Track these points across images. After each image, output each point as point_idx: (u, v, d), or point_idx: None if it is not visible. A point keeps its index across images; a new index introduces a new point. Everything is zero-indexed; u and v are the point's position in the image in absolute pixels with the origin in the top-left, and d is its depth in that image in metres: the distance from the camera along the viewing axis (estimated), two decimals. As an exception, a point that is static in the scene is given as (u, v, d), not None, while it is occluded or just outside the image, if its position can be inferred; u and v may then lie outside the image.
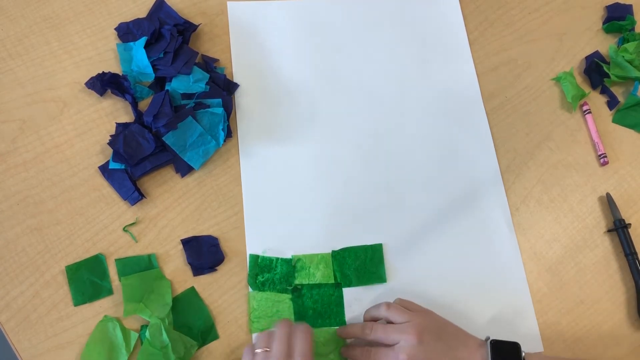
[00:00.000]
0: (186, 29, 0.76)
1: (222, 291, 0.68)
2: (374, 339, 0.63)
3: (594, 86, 0.82)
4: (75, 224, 0.69)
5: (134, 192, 0.69)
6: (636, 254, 0.72)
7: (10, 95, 0.73)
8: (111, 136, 0.71)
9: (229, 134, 0.74)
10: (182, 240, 0.69)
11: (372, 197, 0.74)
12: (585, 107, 0.80)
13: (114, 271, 0.68)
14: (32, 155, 0.71)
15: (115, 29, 0.77)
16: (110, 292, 0.67)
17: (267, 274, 0.69)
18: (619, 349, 0.70)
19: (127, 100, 0.73)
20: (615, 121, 0.80)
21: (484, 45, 0.83)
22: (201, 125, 0.71)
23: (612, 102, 0.81)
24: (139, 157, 0.69)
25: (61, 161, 0.71)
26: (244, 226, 0.71)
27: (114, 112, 0.74)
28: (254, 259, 0.69)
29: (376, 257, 0.71)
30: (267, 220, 0.71)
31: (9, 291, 0.66)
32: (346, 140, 0.76)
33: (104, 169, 0.71)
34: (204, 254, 0.69)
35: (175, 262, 0.69)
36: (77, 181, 0.71)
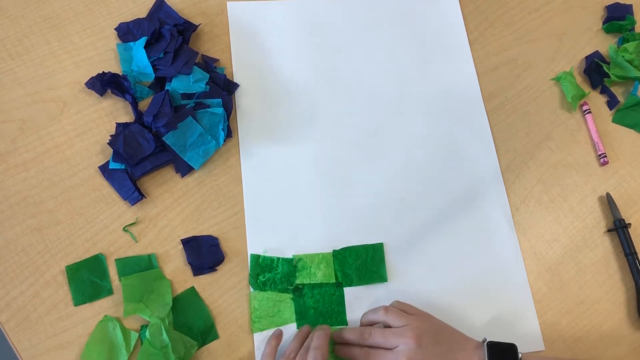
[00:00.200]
0: (186, 29, 0.76)
1: (222, 291, 0.68)
2: (373, 344, 0.63)
3: (594, 86, 0.82)
4: (75, 224, 0.69)
5: (134, 192, 0.69)
6: (636, 253, 0.72)
7: (10, 95, 0.73)
8: (111, 136, 0.71)
9: (229, 134, 0.74)
10: (182, 240, 0.69)
11: (372, 196, 0.74)
12: (585, 107, 0.80)
13: (114, 271, 0.68)
14: (32, 155, 0.71)
15: (115, 29, 0.77)
16: (110, 292, 0.67)
17: (268, 274, 0.69)
18: (619, 349, 0.70)
19: (127, 100, 0.73)
20: (615, 121, 0.80)
21: (484, 45, 0.83)
22: (201, 125, 0.71)
23: (612, 102, 0.81)
24: (139, 157, 0.69)
25: (61, 161, 0.71)
26: (244, 226, 0.71)
27: (114, 112, 0.74)
28: (255, 258, 0.69)
29: (377, 257, 0.71)
30: (267, 220, 0.71)
31: (9, 291, 0.66)
32: (346, 140, 0.76)
33: (104, 169, 0.71)
34: (204, 254, 0.69)
35: (175, 262, 0.69)
36: (77, 181, 0.71)
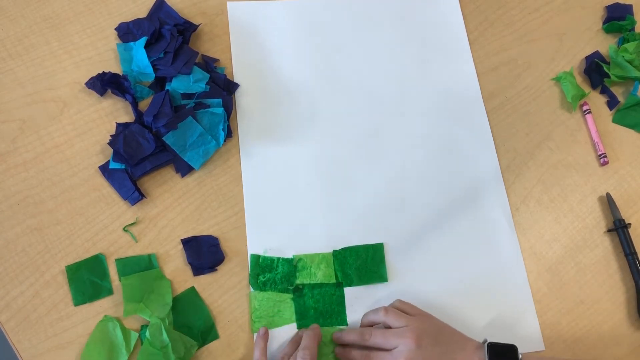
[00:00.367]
0: (186, 29, 0.76)
1: (222, 291, 0.68)
2: (373, 345, 0.63)
3: (594, 86, 0.82)
4: (75, 224, 0.69)
5: (134, 192, 0.69)
6: (636, 254, 0.72)
7: (10, 95, 0.73)
8: (111, 136, 0.71)
9: (229, 134, 0.74)
10: (182, 240, 0.69)
11: (372, 196, 0.74)
12: (585, 107, 0.80)
13: (114, 271, 0.68)
14: (32, 155, 0.71)
15: (115, 29, 0.77)
16: (110, 292, 0.67)
17: (268, 274, 0.69)
18: (619, 349, 0.70)
19: (127, 100, 0.73)
20: (615, 121, 0.80)
21: (484, 45, 0.83)
22: (201, 125, 0.71)
23: (612, 102, 0.81)
24: (139, 157, 0.69)
25: (61, 161, 0.71)
26: (244, 226, 0.71)
27: (114, 112, 0.74)
28: (255, 259, 0.69)
29: (377, 257, 0.71)
30: (268, 220, 0.71)
31: (9, 291, 0.66)
32: (346, 140, 0.76)
33: (104, 169, 0.71)
34: (204, 254, 0.69)
35: (175, 262, 0.69)
36: (77, 181, 0.71)
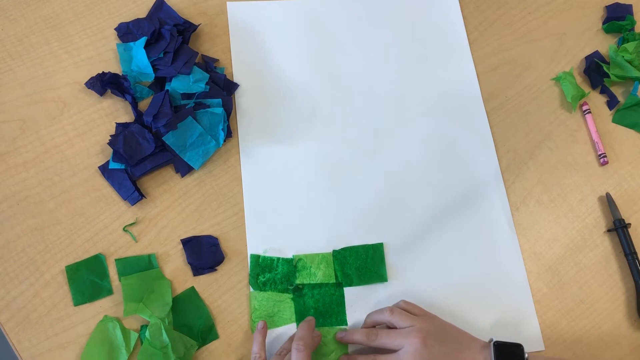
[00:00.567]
0: (186, 29, 0.76)
1: (222, 291, 0.68)
2: (379, 345, 0.63)
3: (594, 86, 0.82)
4: (75, 224, 0.69)
5: (134, 192, 0.69)
6: (636, 254, 0.72)
7: (10, 95, 0.73)
8: (111, 136, 0.71)
9: (229, 133, 0.74)
10: (182, 240, 0.69)
11: (372, 196, 0.74)
12: (585, 107, 0.80)
13: (114, 271, 0.68)
14: (32, 155, 0.71)
15: (115, 29, 0.77)
16: (110, 292, 0.67)
17: (268, 274, 0.69)
18: (619, 348, 0.70)
19: (127, 100, 0.73)
20: (615, 121, 0.80)
21: (484, 45, 0.83)
22: (201, 125, 0.71)
23: (612, 102, 0.81)
24: (139, 157, 0.69)
25: (61, 161, 0.71)
26: (244, 226, 0.71)
27: (114, 112, 0.74)
28: (255, 259, 0.69)
29: (377, 257, 0.71)
30: (267, 220, 0.71)
31: (9, 291, 0.66)
32: (346, 140, 0.76)
33: (104, 169, 0.71)
34: (204, 254, 0.69)
35: (175, 262, 0.69)
36: (77, 181, 0.71)
